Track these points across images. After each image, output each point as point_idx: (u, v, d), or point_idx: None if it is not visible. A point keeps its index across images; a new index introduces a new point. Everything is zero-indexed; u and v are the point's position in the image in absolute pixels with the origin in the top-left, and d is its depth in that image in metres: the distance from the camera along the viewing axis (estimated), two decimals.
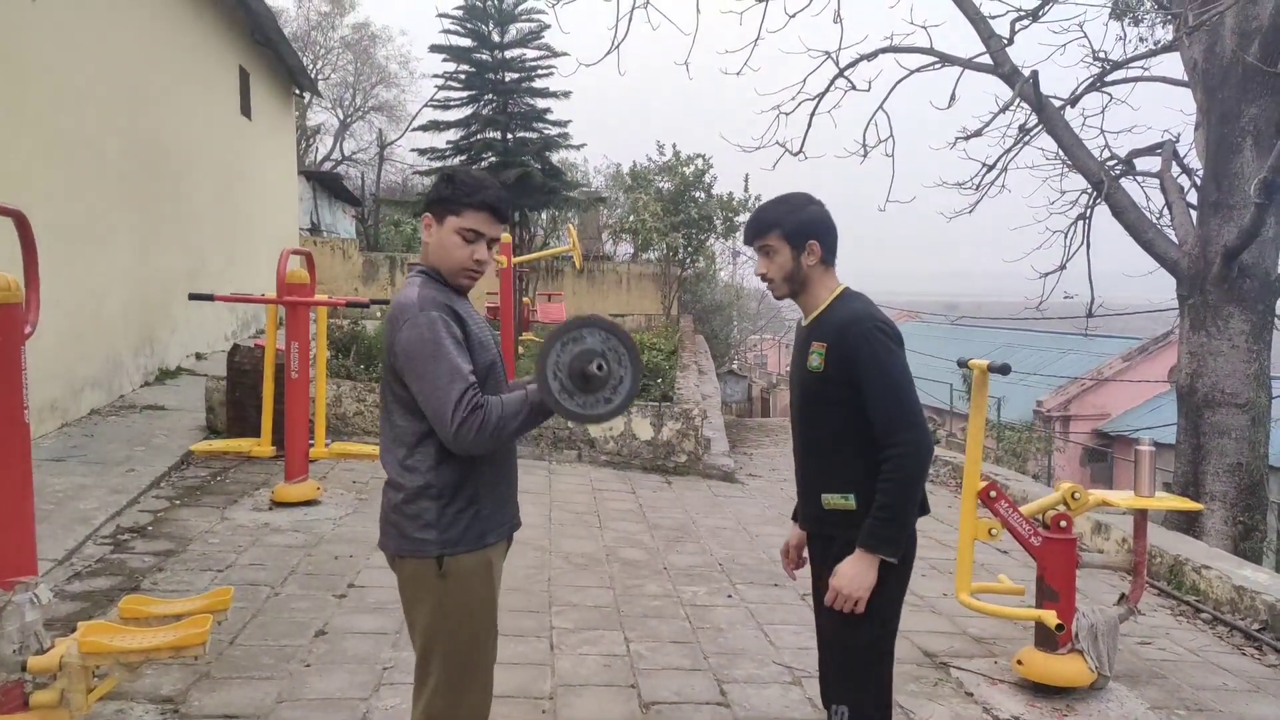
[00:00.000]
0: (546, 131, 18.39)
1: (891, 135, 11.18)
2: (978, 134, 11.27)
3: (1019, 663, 4.19)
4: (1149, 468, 4.23)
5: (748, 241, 2.77)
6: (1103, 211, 10.45)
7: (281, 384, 6.57)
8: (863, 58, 10.82)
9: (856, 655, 2.61)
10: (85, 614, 4.26)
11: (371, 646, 4.18)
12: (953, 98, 10.75)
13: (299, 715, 3.51)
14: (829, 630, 2.65)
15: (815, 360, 2.61)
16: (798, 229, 2.65)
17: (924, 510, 2.68)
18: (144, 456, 7.02)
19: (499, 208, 2.45)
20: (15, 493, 3.04)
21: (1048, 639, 4.10)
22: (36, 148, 7.38)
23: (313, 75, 24.77)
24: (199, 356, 11.56)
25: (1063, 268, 11.75)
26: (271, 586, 4.87)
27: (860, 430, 2.56)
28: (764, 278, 2.73)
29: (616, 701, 3.84)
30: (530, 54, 18.03)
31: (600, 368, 2.26)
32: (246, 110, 14.18)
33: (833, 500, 2.63)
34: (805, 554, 2.90)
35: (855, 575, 2.51)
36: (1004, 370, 3.86)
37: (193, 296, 7.05)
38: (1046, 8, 9.92)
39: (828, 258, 2.68)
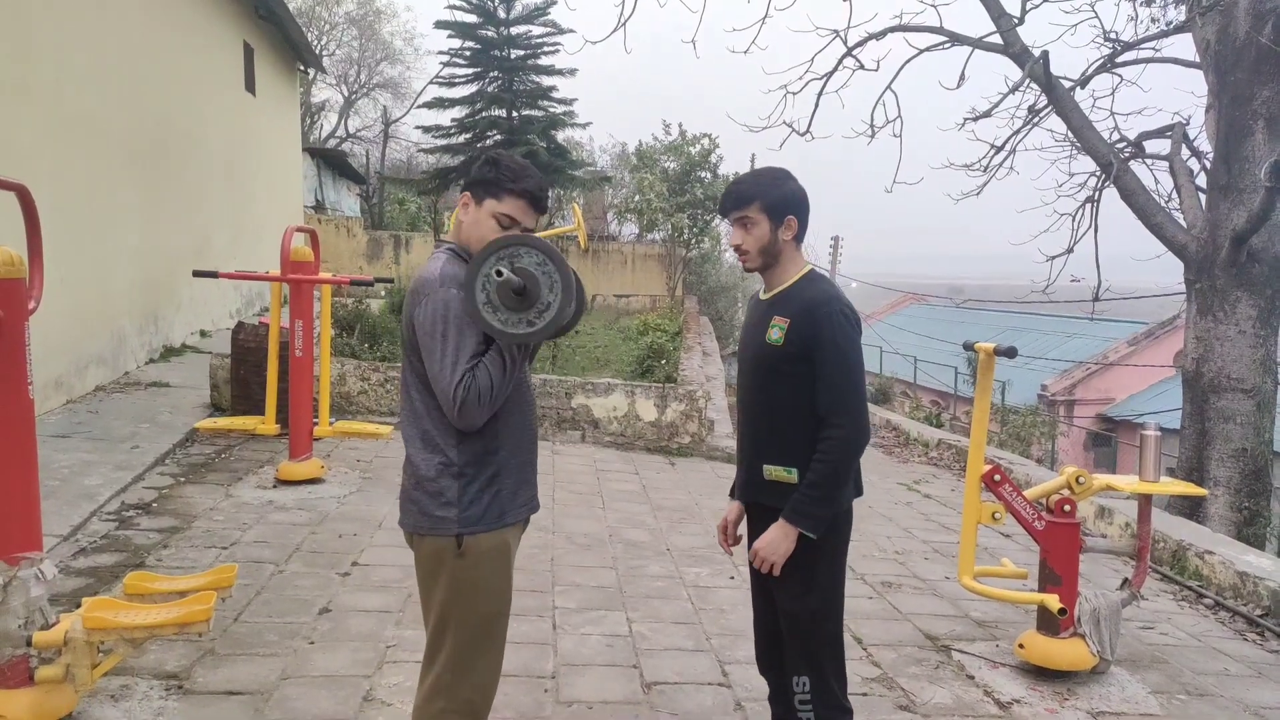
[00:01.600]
0: (552, 110, 18.31)
1: (900, 116, 11.10)
2: (987, 115, 11.17)
3: (1021, 646, 4.20)
4: (1155, 452, 4.22)
5: (725, 212, 2.79)
6: (1111, 194, 10.38)
7: (286, 362, 6.56)
8: (871, 36, 10.73)
9: (808, 626, 2.71)
10: (90, 590, 4.28)
11: (375, 624, 4.20)
12: (962, 78, 10.65)
13: (302, 692, 3.53)
14: (786, 604, 2.74)
15: (775, 334, 2.67)
16: (778, 203, 2.69)
17: (858, 491, 2.78)
18: (149, 433, 7.04)
19: (539, 197, 2.47)
20: (20, 469, 3.05)
21: (1050, 623, 4.10)
22: (41, 124, 7.34)
23: (317, 51, 24.61)
24: (203, 334, 11.57)
25: (1070, 251, 11.67)
26: (276, 564, 4.89)
27: (809, 406, 2.64)
28: (739, 249, 2.76)
29: (619, 681, 3.86)
30: (536, 31, 17.93)
31: (523, 288, 2.25)
32: (251, 86, 14.11)
33: (774, 471, 2.70)
34: (741, 531, 2.98)
35: (773, 542, 2.64)
36: (1010, 353, 3.84)
37: (197, 273, 7.05)
38: None
39: (800, 234, 2.75)
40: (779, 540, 2.63)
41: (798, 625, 2.73)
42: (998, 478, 4.00)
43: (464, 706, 2.41)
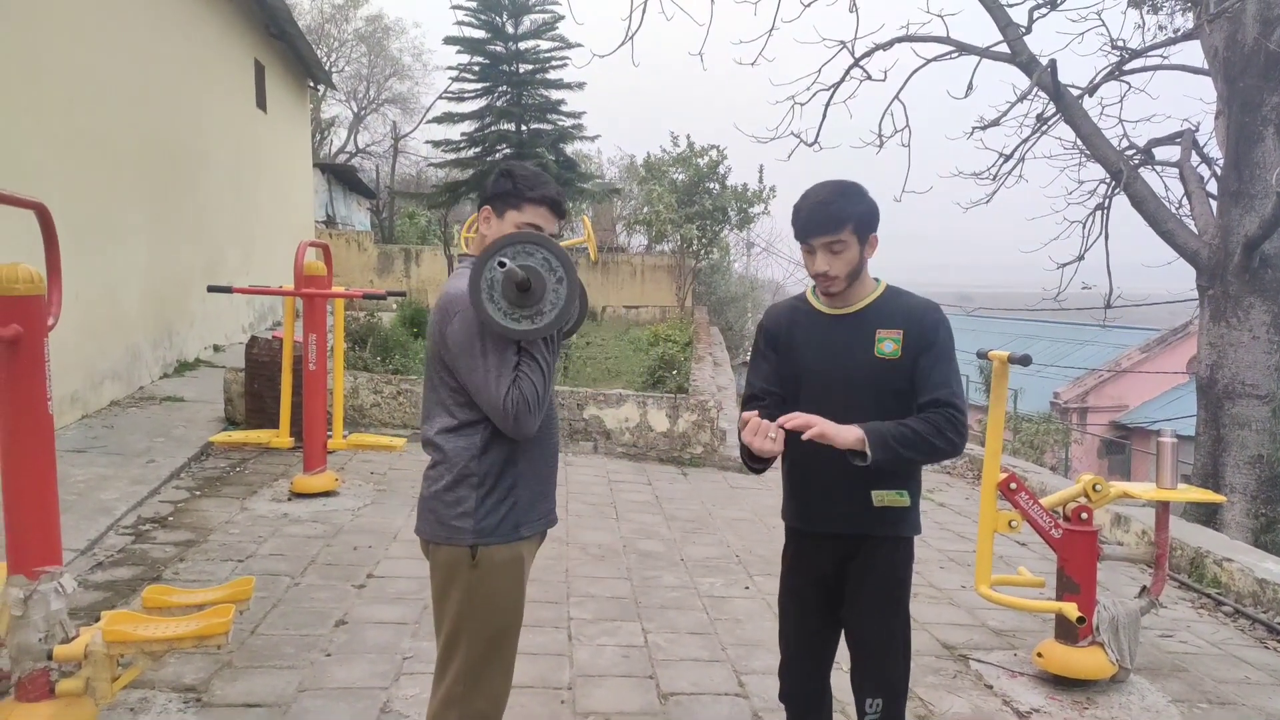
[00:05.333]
0: (561, 123, 18.35)
1: (908, 125, 11.10)
2: (995, 124, 11.17)
3: (1039, 655, 4.18)
4: (1172, 459, 4.20)
5: (810, 236, 2.53)
6: (1121, 202, 10.36)
7: (299, 376, 6.59)
8: (878, 47, 10.74)
9: (892, 648, 2.65)
10: (108, 603, 4.30)
11: (391, 636, 4.20)
12: (970, 87, 10.65)
13: (320, 704, 3.53)
14: (880, 626, 2.63)
15: (889, 347, 2.54)
16: (866, 222, 2.54)
17: (916, 529, 2.69)
18: (164, 447, 7.07)
19: (559, 203, 2.50)
20: (40, 483, 3.07)
21: (1068, 631, 4.08)
22: (55, 143, 7.42)
23: (327, 68, 24.77)
24: (217, 348, 11.63)
25: (1081, 258, 11.65)
26: (292, 576, 4.90)
27: None
28: (825, 275, 2.54)
29: (635, 692, 3.85)
30: (544, 45, 17.98)
31: (528, 283, 2.23)
32: (262, 103, 14.22)
33: (886, 497, 2.55)
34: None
35: (839, 431, 2.41)
36: (1025, 361, 3.83)
37: (211, 289, 7.10)
38: None
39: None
40: (843, 437, 2.41)
41: (882, 648, 2.65)
42: (1014, 486, 3.99)
43: (477, 718, 2.42)
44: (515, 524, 2.42)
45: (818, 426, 2.42)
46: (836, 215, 2.50)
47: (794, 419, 2.44)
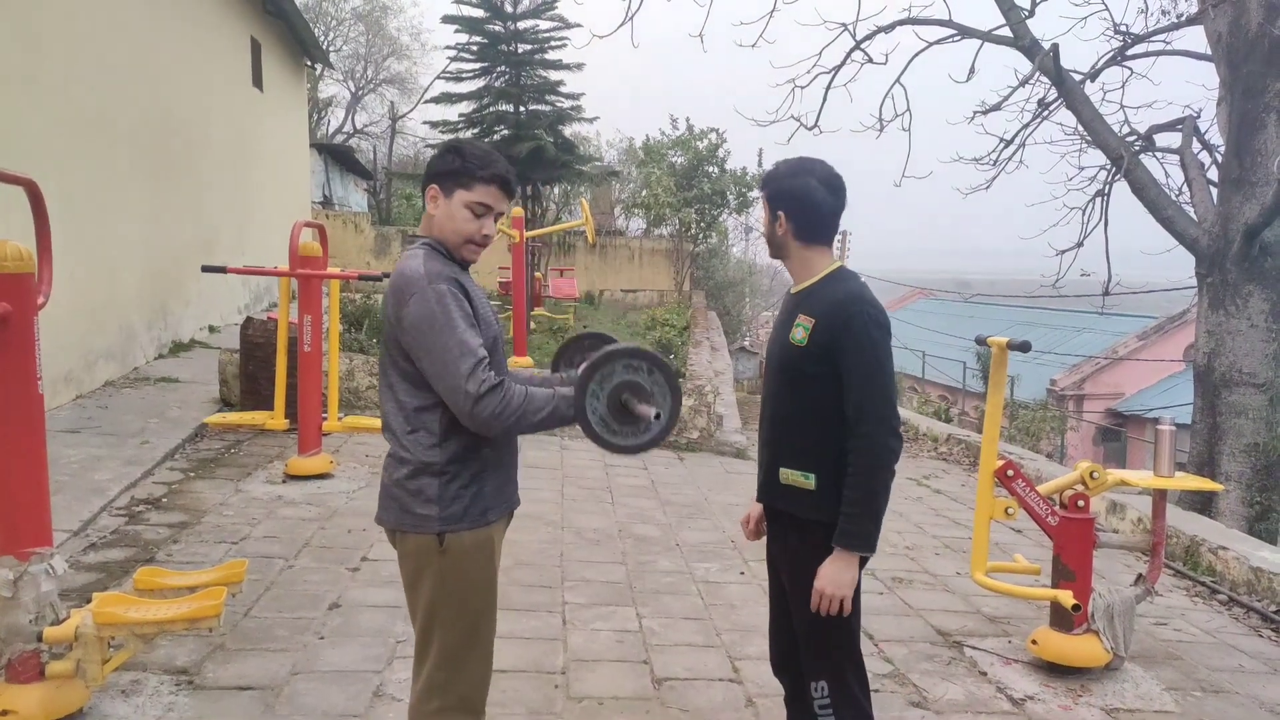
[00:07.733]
0: (559, 104, 18.23)
1: (908, 109, 11.05)
2: (996, 108, 11.12)
3: (1034, 642, 4.17)
4: (1169, 447, 4.19)
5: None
6: (1121, 188, 10.33)
7: (294, 357, 6.56)
8: (880, 30, 10.68)
9: (829, 632, 2.59)
10: (100, 585, 4.28)
11: (385, 620, 4.19)
12: (972, 71, 10.60)
13: (313, 687, 3.52)
14: (800, 610, 2.61)
15: (799, 333, 2.55)
16: (774, 196, 2.63)
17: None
18: (158, 428, 7.04)
19: (509, 181, 2.42)
20: (31, 464, 3.04)
21: (1063, 619, 4.07)
22: (48, 118, 7.34)
23: (324, 47, 24.59)
24: (212, 329, 11.58)
25: (1080, 245, 11.62)
26: (285, 559, 4.88)
27: (832, 410, 2.51)
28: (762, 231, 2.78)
29: (629, 677, 3.84)
30: (543, 25, 17.84)
31: (650, 409, 2.25)
32: (258, 82, 14.11)
33: (791, 476, 2.58)
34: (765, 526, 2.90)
35: (835, 575, 2.47)
36: (1024, 348, 3.81)
37: (206, 269, 7.06)
38: None
39: (801, 234, 2.61)
40: (841, 572, 2.47)
41: (807, 631, 2.62)
42: (1011, 473, 3.98)
43: (459, 704, 2.40)
44: (483, 509, 2.38)
45: (827, 596, 2.48)
46: (764, 178, 2.73)
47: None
